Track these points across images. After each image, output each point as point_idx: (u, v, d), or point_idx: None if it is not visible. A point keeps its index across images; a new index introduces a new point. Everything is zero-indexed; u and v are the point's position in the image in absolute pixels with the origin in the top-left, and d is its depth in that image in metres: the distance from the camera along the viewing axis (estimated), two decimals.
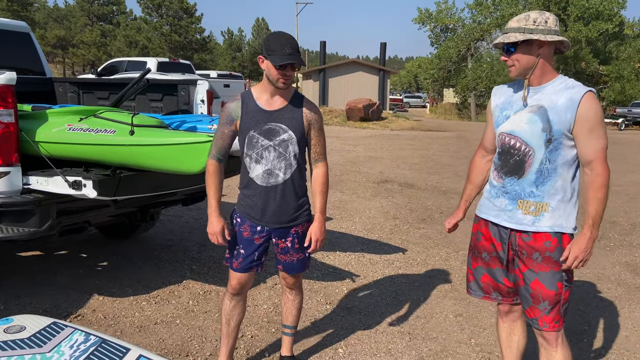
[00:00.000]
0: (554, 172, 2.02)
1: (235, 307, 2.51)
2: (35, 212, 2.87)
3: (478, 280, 2.28)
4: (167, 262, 4.22)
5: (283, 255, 2.45)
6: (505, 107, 2.12)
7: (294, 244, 2.42)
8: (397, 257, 4.62)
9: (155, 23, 42.35)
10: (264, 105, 2.33)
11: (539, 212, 2.04)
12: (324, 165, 2.42)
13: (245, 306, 2.58)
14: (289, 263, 2.46)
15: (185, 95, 4.26)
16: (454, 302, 3.65)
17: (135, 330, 3.07)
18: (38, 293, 3.51)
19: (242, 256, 2.41)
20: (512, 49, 2.01)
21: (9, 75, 2.76)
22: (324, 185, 2.40)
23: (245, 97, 2.35)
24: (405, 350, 2.96)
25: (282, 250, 2.44)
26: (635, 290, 4.03)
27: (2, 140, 2.79)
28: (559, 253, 2.02)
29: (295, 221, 2.40)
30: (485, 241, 2.21)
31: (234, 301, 2.51)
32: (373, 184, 8.15)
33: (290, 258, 2.45)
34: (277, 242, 2.43)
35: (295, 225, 2.41)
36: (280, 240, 2.42)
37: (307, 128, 2.35)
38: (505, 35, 2.01)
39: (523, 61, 2.00)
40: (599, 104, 1.97)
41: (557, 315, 2.05)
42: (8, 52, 4.62)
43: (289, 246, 2.42)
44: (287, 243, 2.42)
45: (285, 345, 2.70)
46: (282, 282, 2.61)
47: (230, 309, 2.51)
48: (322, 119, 2.42)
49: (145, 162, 2.78)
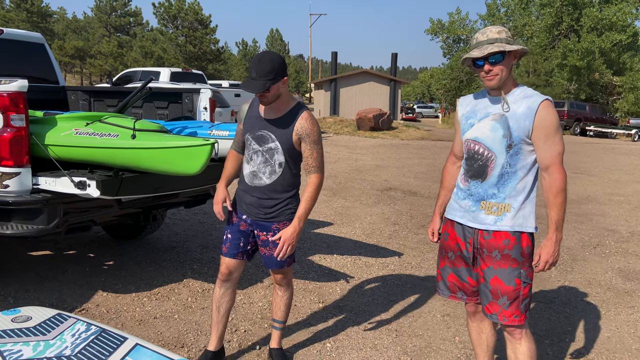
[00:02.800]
0: (515, 175, 2.15)
1: (224, 295, 2.69)
2: (43, 211, 3.07)
3: (445, 280, 2.41)
4: (170, 262, 4.40)
5: (263, 248, 2.62)
6: (470, 116, 2.26)
7: (275, 240, 2.54)
8: (392, 261, 4.75)
9: (170, 34, 43.12)
10: (263, 113, 2.54)
11: (501, 213, 2.17)
12: (317, 177, 2.51)
13: (235, 295, 2.75)
14: (268, 257, 2.61)
15: (189, 102, 4.47)
16: (442, 303, 3.77)
17: (135, 323, 3.25)
18: (46, 289, 3.71)
19: (229, 240, 2.64)
20: (499, 59, 2.10)
21: (21, 83, 2.98)
22: (310, 194, 2.49)
23: (254, 102, 2.61)
24: (391, 346, 3.09)
25: (262, 243, 2.61)
26: (624, 294, 4.11)
27: (14, 143, 3.00)
28: (517, 251, 2.15)
29: (274, 218, 2.56)
30: (451, 241, 2.35)
31: (223, 288, 2.69)
32: (377, 191, 8.28)
33: (269, 252, 2.59)
34: (258, 233, 2.61)
35: (277, 222, 2.56)
36: (262, 233, 2.59)
37: (296, 141, 2.48)
38: (498, 45, 2.07)
39: (506, 71, 2.11)
40: (555, 112, 2.10)
41: (516, 310, 2.17)
42: (24, 61, 4.89)
43: (268, 240, 2.58)
44: (267, 237, 2.58)
45: (274, 338, 2.85)
46: (272, 279, 2.77)
47: (220, 295, 2.69)
48: (318, 132, 2.49)
49: (146, 164, 2.96)
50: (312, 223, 5.98)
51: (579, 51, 30.99)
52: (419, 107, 49.63)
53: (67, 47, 45.65)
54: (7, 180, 3.02)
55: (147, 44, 43.21)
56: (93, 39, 48.02)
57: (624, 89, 32.62)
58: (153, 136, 3.02)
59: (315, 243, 5.18)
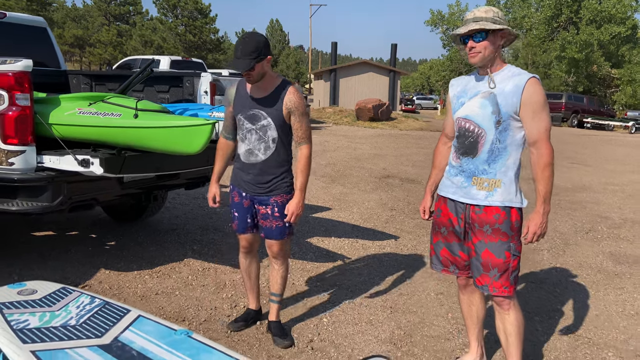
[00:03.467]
0: (504, 151, 2.23)
1: (250, 263, 2.95)
2: (48, 188, 3.15)
3: (438, 254, 2.50)
4: (171, 243, 4.49)
5: (264, 220, 2.75)
6: (461, 95, 2.34)
7: (274, 212, 2.72)
8: (389, 243, 4.84)
9: (170, 23, 42.89)
10: (251, 92, 2.66)
11: (492, 188, 2.26)
12: (307, 147, 2.68)
13: (259, 261, 2.99)
14: (269, 229, 2.76)
15: (190, 86, 4.54)
16: (437, 283, 3.87)
17: (137, 299, 3.34)
18: (49, 267, 3.80)
19: (237, 218, 2.83)
20: (483, 37, 2.19)
21: (25, 63, 3.04)
22: (304, 166, 2.66)
23: (240, 83, 2.72)
24: (385, 321, 3.19)
25: (262, 216, 2.75)
26: (613, 276, 4.21)
27: (19, 121, 3.07)
28: (506, 225, 2.24)
29: (272, 192, 2.71)
30: (444, 217, 2.43)
31: (248, 259, 2.93)
32: (375, 178, 8.36)
33: (269, 224, 2.74)
34: (258, 207, 2.76)
35: (275, 195, 2.71)
36: (262, 207, 2.74)
37: (286, 115, 2.63)
38: (480, 23, 2.16)
39: (489, 50, 2.20)
40: (542, 89, 2.18)
41: (506, 281, 2.26)
42: (26, 45, 4.93)
43: (269, 213, 2.73)
44: (267, 210, 2.72)
45: (273, 311, 2.96)
46: (268, 253, 2.87)
47: (247, 265, 2.94)
48: (304, 105, 2.67)
49: (148, 143, 3.04)
50: (311, 208, 6.06)
51: (577, 43, 30.98)
52: (418, 99, 49.53)
53: (67, 35, 45.43)
54: (12, 158, 3.09)
55: (146, 32, 43.03)
56: (92, 28, 47.76)
57: (622, 81, 32.65)
58: (155, 116, 3.09)
59: (314, 226, 5.27)
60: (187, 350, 2.40)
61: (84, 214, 5.30)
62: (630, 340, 3.08)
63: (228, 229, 4.98)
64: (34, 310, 2.72)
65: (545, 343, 2.99)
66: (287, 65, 51.77)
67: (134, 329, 2.58)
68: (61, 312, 2.71)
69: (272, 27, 55.55)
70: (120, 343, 2.44)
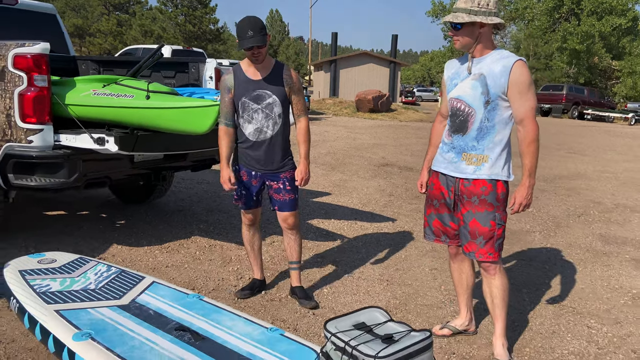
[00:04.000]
0: (492, 129, 2.42)
1: (254, 235, 3.16)
2: (64, 165, 3.34)
3: (431, 225, 2.69)
4: (178, 222, 4.69)
5: (277, 194, 2.99)
6: (454, 77, 2.53)
7: (285, 186, 2.98)
8: (386, 225, 5.04)
9: (170, 13, 42.86)
10: (251, 76, 2.89)
11: (480, 163, 2.44)
12: (305, 119, 3.00)
13: (261, 233, 3.21)
14: (282, 201, 3.00)
15: (195, 72, 4.71)
16: (431, 259, 4.07)
17: (149, 270, 3.54)
18: (64, 242, 3.99)
19: (243, 197, 3.03)
20: (459, 27, 2.39)
21: (44, 45, 3.22)
22: (305, 136, 2.98)
23: (236, 70, 2.94)
24: (382, 292, 3.39)
25: (275, 191, 2.99)
26: (601, 255, 4.41)
27: (37, 101, 3.25)
28: (492, 196, 2.43)
29: (282, 168, 2.97)
30: (436, 190, 2.62)
31: (251, 231, 3.14)
32: (374, 167, 8.54)
33: (282, 197, 2.99)
34: (271, 184, 2.99)
35: (284, 172, 2.97)
36: (273, 182, 2.98)
37: (288, 91, 2.91)
38: (454, 14, 2.37)
39: (466, 38, 2.39)
40: (529, 71, 2.36)
41: (491, 248, 2.46)
42: (37, 31, 5.10)
43: (281, 187, 2.98)
44: (279, 185, 2.97)
45: (295, 277, 3.20)
46: (283, 226, 3.09)
47: (251, 237, 3.16)
48: (300, 82, 2.95)
49: (159, 122, 3.22)
50: (311, 193, 6.25)
51: (578, 35, 31.03)
52: (419, 91, 49.50)
53: (67, 25, 45.36)
54: (31, 136, 3.28)
55: (146, 22, 43.01)
56: (92, 17, 47.73)
57: (623, 73, 32.74)
58: (166, 97, 3.27)
59: (314, 210, 5.46)
60: (200, 310, 2.61)
61: (94, 196, 5.50)
62: (612, 310, 3.28)
63: (232, 211, 5.17)
64: (55, 277, 2.93)
65: (532, 311, 3.19)
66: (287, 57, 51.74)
67: (150, 293, 2.79)
68: (80, 278, 2.93)
69: (271, 17, 55.41)
70: (137, 304, 2.65)
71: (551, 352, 2.72)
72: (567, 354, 2.70)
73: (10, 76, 3.25)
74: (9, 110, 3.28)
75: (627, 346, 2.82)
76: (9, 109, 3.28)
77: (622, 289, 3.66)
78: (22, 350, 2.47)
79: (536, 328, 2.97)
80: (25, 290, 2.69)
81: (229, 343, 2.29)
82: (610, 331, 2.99)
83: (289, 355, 2.20)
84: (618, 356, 2.71)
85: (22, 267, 2.99)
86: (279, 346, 2.27)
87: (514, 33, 39.34)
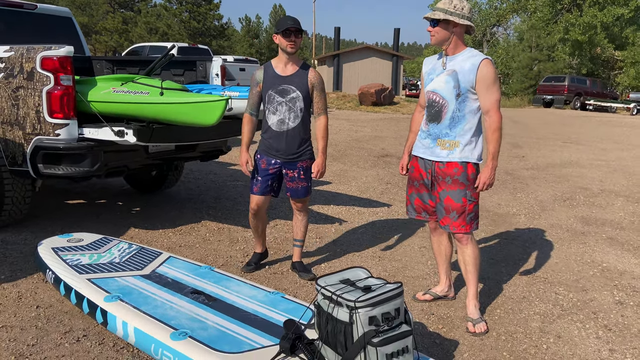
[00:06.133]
0: (463, 118, 2.78)
1: (258, 221, 3.50)
2: (88, 156, 3.73)
3: (412, 203, 3.06)
4: (189, 209, 5.08)
5: (291, 182, 3.36)
6: (431, 72, 2.89)
7: (300, 175, 3.35)
8: (382, 210, 5.41)
9: (174, 10, 43.25)
10: (279, 72, 3.28)
11: (452, 148, 2.81)
12: (325, 117, 3.37)
13: (266, 218, 3.56)
14: (295, 189, 3.38)
15: (203, 70, 5.09)
16: (421, 239, 4.44)
17: (164, 249, 3.93)
18: (85, 227, 4.39)
19: (260, 182, 3.37)
20: (436, 24, 2.76)
21: (68, 48, 3.61)
22: (324, 132, 3.35)
23: (267, 66, 3.33)
24: (373, 266, 3.77)
25: (290, 179, 3.36)
26: (580, 235, 4.76)
27: (63, 99, 3.65)
28: (463, 177, 2.79)
29: (300, 157, 3.33)
30: (416, 172, 2.99)
31: (256, 219, 3.48)
32: (374, 157, 8.91)
33: (296, 185, 3.37)
34: (287, 172, 3.35)
35: (301, 160, 3.34)
36: (290, 171, 3.34)
37: (311, 89, 3.29)
38: (433, 12, 2.75)
39: (441, 34, 2.75)
40: (493, 68, 2.71)
41: (463, 221, 2.82)
42: (55, 33, 5.49)
43: (296, 176, 3.34)
44: (294, 173, 3.34)
45: (296, 254, 3.60)
46: (293, 208, 3.50)
47: (255, 223, 3.51)
48: (323, 82, 3.34)
49: (172, 116, 3.60)
50: (313, 182, 6.62)
51: (581, 25, 31.11)
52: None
53: None
54: (58, 130, 3.67)
55: (151, 19, 43.42)
56: (97, 15, 48.18)
57: (626, 63, 32.78)
58: (178, 93, 3.65)
59: (314, 197, 5.84)
60: (211, 278, 3.01)
61: (110, 186, 5.90)
62: (581, 280, 3.65)
63: (238, 199, 5.56)
64: (84, 252, 3.34)
65: (507, 282, 3.56)
66: None
67: (167, 265, 3.20)
68: (106, 254, 3.34)
69: (275, 12, 55.65)
70: (157, 274, 3.06)
71: (519, 312, 3.09)
72: (533, 315, 3.07)
73: (39, 76, 3.65)
74: (38, 107, 3.68)
75: (589, 309, 3.19)
76: (38, 105, 3.68)
77: (594, 263, 4.02)
78: (59, 313, 2.87)
79: (509, 294, 3.35)
80: (59, 263, 3.10)
81: (237, 303, 2.68)
82: (576, 297, 3.35)
83: (288, 312, 2.59)
84: (579, 316, 3.07)
85: (54, 245, 3.40)
86: (279, 305, 2.67)
87: (517, 25, 39.40)
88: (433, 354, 2.58)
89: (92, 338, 2.62)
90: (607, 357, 2.63)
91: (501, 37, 41.78)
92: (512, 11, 38.45)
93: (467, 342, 2.72)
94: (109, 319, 2.52)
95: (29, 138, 3.77)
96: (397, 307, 2.06)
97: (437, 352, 2.60)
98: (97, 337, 2.63)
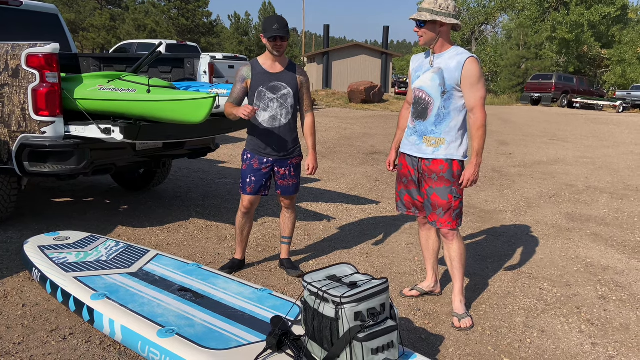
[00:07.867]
0: (448, 115, 2.81)
1: (246, 222, 3.48)
2: (74, 153, 3.71)
3: (402, 199, 3.09)
4: (176, 207, 5.07)
5: (282, 180, 3.37)
6: (418, 70, 2.91)
7: (290, 172, 3.37)
8: (369, 207, 5.44)
9: (163, 7, 42.95)
10: (268, 69, 3.28)
11: (437, 145, 2.83)
12: (312, 114, 3.41)
13: (253, 221, 3.55)
14: (286, 187, 3.39)
15: (191, 67, 5.07)
16: (408, 236, 4.48)
17: (152, 247, 3.93)
18: (72, 225, 4.37)
19: (253, 182, 3.34)
20: (423, 24, 2.78)
21: (54, 46, 3.58)
22: (312, 129, 3.40)
23: (254, 63, 3.32)
24: (361, 262, 3.80)
25: (281, 177, 3.36)
26: (565, 231, 4.83)
27: (49, 96, 3.62)
28: (449, 174, 2.82)
29: (291, 154, 3.35)
30: (404, 169, 3.02)
31: (245, 218, 3.46)
32: (363, 155, 8.94)
33: (287, 182, 3.37)
34: (278, 169, 3.35)
35: (291, 158, 3.36)
36: (281, 169, 3.34)
37: (300, 87, 3.32)
38: (419, 13, 2.77)
39: (429, 35, 2.78)
40: (478, 67, 2.74)
41: (449, 217, 2.85)
42: (41, 30, 5.44)
43: (287, 174, 3.36)
44: (286, 171, 3.35)
45: (284, 251, 3.59)
46: (282, 205, 3.50)
47: (243, 223, 3.47)
48: (309, 81, 3.37)
49: (159, 114, 3.58)
50: (302, 179, 6.64)
51: (568, 24, 31.41)
52: None
53: None
54: (44, 127, 3.65)
55: (139, 16, 43.06)
56: (85, 12, 47.69)
57: (612, 61, 33.17)
58: (165, 91, 3.64)
59: (303, 194, 5.85)
60: (199, 276, 3.01)
61: (97, 184, 5.87)
62: (565, 275, 3.70)
63: (226, 196, 5.55)
64: (70, 251, 3.32)
65: (492, 277, 3.60)
66: None
67: (155, 263, 3.20)
68: (93, 252, 3.32)
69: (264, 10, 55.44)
70: (145, 271, 3.06)
71: (504, 307, 3.13)
72: (517, 309, 3.11)
73: (24, 74, 3.62)
74: (24, 104, 3.65)
75: (572, 304, 3.24)
76: (24, 103, 3.65)
77: (578, 258, 4.08)
78: (45, 311, 2.86)
79: (494, 290, 3.39)
80: (45, 261, 3.08)
81: (225, 300, 2.69)
82: (560, 292, 3.40)
83: (275, 308, 2.60)
84: (562, 311, 3.13)
85: (40, 244, 3.38)
86: (267, 302, 2.68)
87: (505, 23, 39.69)
88: (419, 349, 2.61)
89: (79, 336, 2.61)
90: (590, 351, 2.68)
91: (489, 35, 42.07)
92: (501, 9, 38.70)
93: (452, 337, 2.75)
94: (95, 316, 2.52)
95: (14, 136, 3.74)
96: (383, 302, 2.08)
97: (423, 347, 2.64)
98: (83, 335, 2.63)
